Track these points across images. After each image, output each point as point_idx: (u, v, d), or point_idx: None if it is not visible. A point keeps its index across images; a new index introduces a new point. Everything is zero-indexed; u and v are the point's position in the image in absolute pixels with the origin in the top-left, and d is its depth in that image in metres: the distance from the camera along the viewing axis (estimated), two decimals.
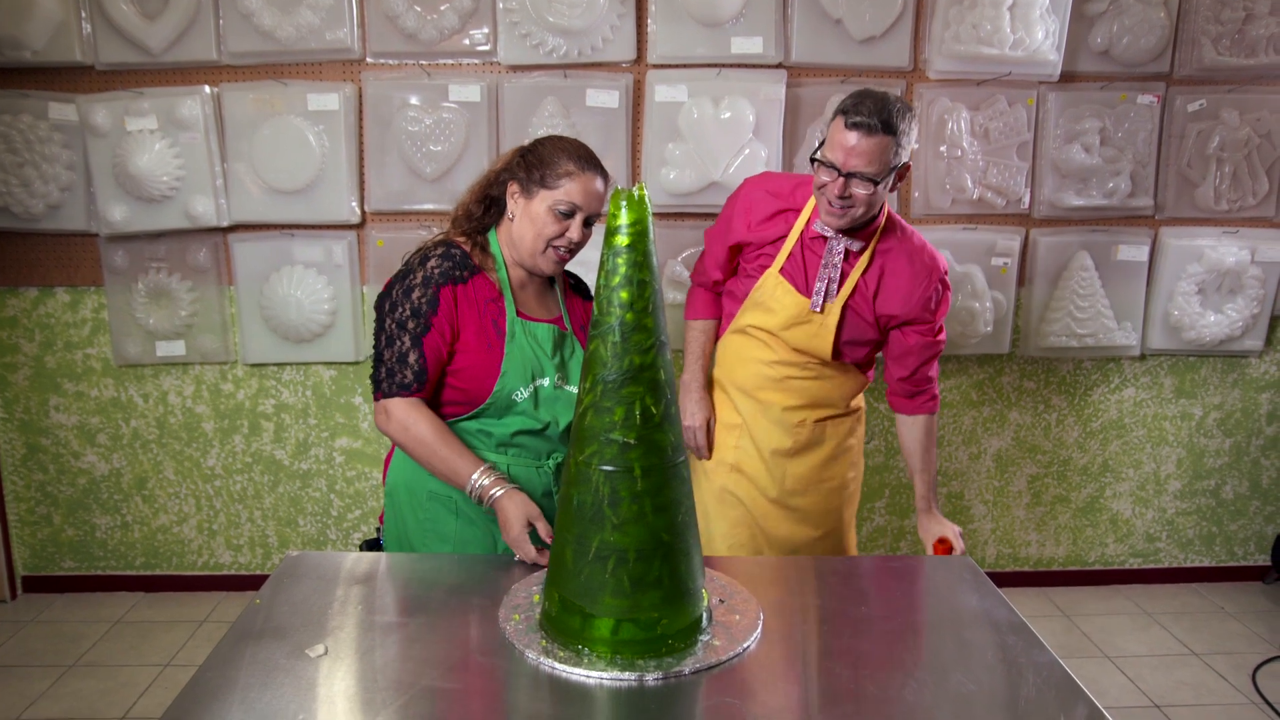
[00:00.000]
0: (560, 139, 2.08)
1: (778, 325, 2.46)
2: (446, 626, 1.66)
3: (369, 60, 3.50)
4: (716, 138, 3.47)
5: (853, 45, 3.52)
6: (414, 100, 3.48)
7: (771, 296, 2.46)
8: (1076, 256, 3.75)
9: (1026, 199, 3.70)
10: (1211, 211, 3.76)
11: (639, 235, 1.50)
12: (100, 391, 3.78)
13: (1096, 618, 3.86)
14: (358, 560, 1.94)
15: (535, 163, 2.02)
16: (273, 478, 3.88)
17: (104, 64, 3.45)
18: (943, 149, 3.61)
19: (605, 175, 2.08)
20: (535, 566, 1.88)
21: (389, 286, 2.03)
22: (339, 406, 3.81)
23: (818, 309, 2.42)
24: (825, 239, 2.39)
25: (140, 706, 3.16)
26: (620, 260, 1.50)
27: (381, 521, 2.21)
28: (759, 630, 1.63)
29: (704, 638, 1.59)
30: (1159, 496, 4.10)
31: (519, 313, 2.07)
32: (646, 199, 1.51)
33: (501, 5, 3.42)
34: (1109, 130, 3.65)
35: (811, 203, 2.41)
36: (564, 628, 1.56)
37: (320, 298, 3.61)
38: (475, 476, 1.96)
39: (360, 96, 3.51)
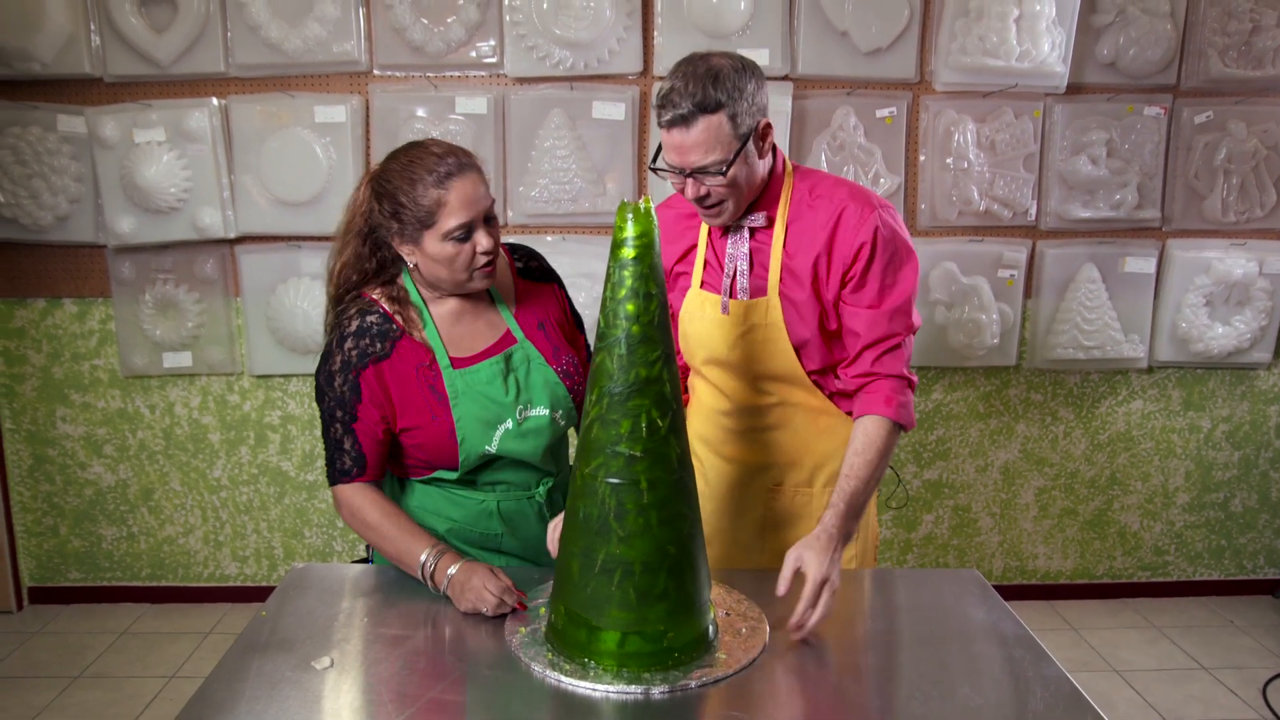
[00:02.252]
0: (403, 163, 1.80)
1: (721, 350, 2.00)
2: (452, 639, 1.65)
3: (376, 72, 3.51)
4: None
5: (859, 57, 3.52)
6: (421, 112, 3.49)
7: (699, 316, 2.01)
8: (1083, 268, 3.74)
9: (1033, 211, 3.69)
10: (1219, 223, 3.75)
11: (645, 248, 1.49)
12: (107, 402, 3.79)
13: (1104, 631, 3.83)
14: (364, 573, 1.93)
15: (399, 209, 1.78)
16: (279, 489, 3.88)
17: (112, 76, 3.46)
18: (949, 161, 3.61)
19: (472, 165, 1.81)
20: (542, 580, 1.86)
21: (319, 364, 1.88)
22: None
23: (725, 310, 1.97)
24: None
25: (146, 718, 3.15)
26: (626, 273, 1.49)
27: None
28: (765, 643, 1.62)
29: (710, 651, 1.58)
30: (1167, 509, 4.07)
31: (454, 361, 1.88)
32: (653, 212, 1.50)
33: (508, 18, 3.43)
34: (1116, 142, 3.64)
35: None
36: (570, 640, 1.56)
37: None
38: (424, 556, 1.80)
39: (367, 109, 3.52)
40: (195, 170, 3.49)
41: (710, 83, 1.74)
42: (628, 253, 1.49)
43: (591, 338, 1.62)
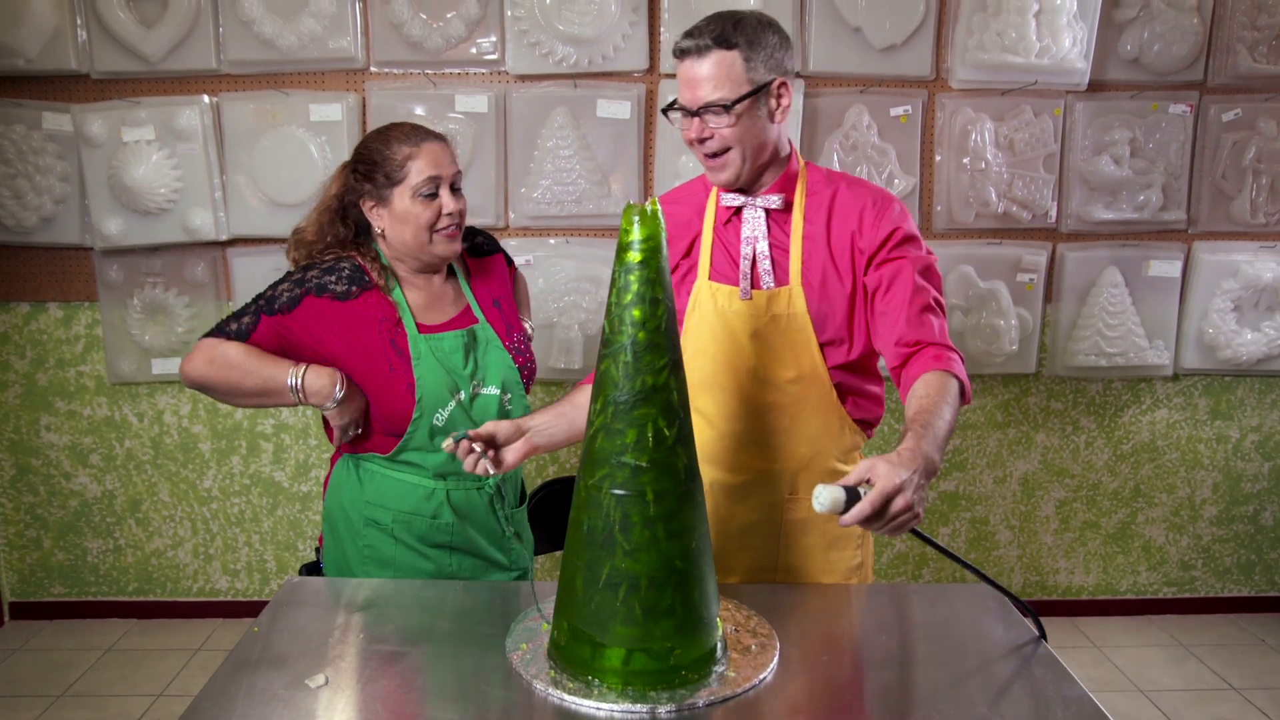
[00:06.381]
0: (379, 132, 2.01)
1: (734, 348, 1.91)
2: (451, 655, 1.62)
3: (373, 69, 3.45)
4: None
5: (872, 54, 3.46)
6: (419, 111, 3.44)
7: (710, 310, 1.92)
8: (1106, 272, 3.67)
9: (1053, 212, 3.62)
10: (1247, 225, 3.68)
11: (651, 251, 1.46)
12: (93, 410, 3.72)
13: (1129, 649, 3.75)
14: (359, 587, 1.92)
15: (371, 167, 1.96)
16: (272, 500, 3.80)
17: (100, 72, 3.41)
18: (966, 161, 3.54)
19: (444, 137, 2.01)
20: (544, 595, 1.79)
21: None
22: None
23: (747, 295, 1.88)
24: (738, 210, 1.91)
25: None
26: (632, 277, 1.46)
27: (321, 544, 2.18)
28: (776, 661, 1.58)
29: (719, 668, 1.55)
30: (1194, 523, 3.99)
31: (420, 327, 2.01)
32: (659, 214, 1.48)
33: (510, 13, 3.38)
34: (1139, 141, 3.58)
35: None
36: (573, 657, 1.52)
37: None
38: (291, 377, 1.93)
39: (364, 107, 3.46)
40: (185, 170, 3.43)
41: (731, 23, 1.78)
42: (634, 256, 1.47)
43: (596, 344, 1.57)
